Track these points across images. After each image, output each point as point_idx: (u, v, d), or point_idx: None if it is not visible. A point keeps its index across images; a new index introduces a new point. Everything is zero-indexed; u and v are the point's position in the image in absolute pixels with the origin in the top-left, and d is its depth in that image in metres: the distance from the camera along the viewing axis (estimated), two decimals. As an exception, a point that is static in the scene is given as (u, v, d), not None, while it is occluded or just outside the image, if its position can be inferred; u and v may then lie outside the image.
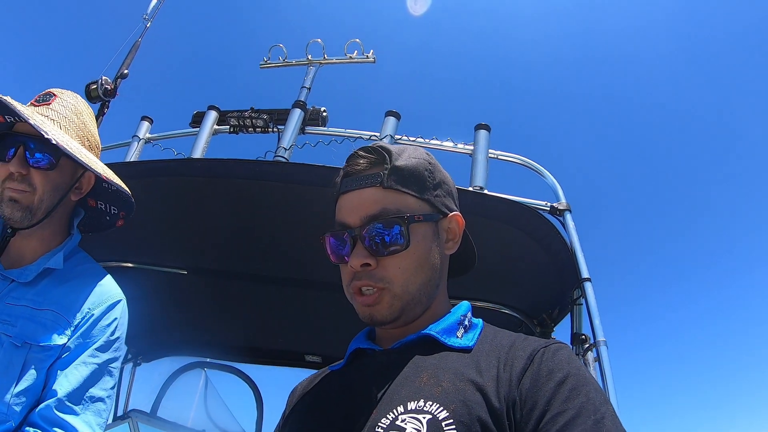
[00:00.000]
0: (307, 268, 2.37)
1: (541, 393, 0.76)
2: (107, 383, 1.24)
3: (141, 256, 2.52)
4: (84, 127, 1.36)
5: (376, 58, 2.47)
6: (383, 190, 0.92)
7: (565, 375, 0.78)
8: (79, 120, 1.35)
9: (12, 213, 1.22)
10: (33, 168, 1.24)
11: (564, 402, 0.74)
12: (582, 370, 0.80)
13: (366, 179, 0.93)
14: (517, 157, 2.25)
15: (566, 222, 2.07)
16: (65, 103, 1.35)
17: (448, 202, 1.00)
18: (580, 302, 1.96)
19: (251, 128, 2.32)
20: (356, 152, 0.98)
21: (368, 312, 0.92)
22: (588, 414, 0.72)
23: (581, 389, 0.76)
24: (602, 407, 0.74)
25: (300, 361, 3.08)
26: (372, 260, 0.90)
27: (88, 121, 1.39)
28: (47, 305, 1.23)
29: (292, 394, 1.11)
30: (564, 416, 0.72)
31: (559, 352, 0.83)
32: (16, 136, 1.25)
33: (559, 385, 0.76)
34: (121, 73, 2.47)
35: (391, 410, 0.78)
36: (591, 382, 0.79)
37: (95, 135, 1.42)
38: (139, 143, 2.45)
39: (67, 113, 1.33)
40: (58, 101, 1.33)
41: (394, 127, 2.22)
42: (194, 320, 2.89)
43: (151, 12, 2.75)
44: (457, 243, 1.01)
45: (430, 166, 0.98)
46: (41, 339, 1.18)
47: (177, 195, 2.16)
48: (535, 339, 0.88)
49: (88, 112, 1.42)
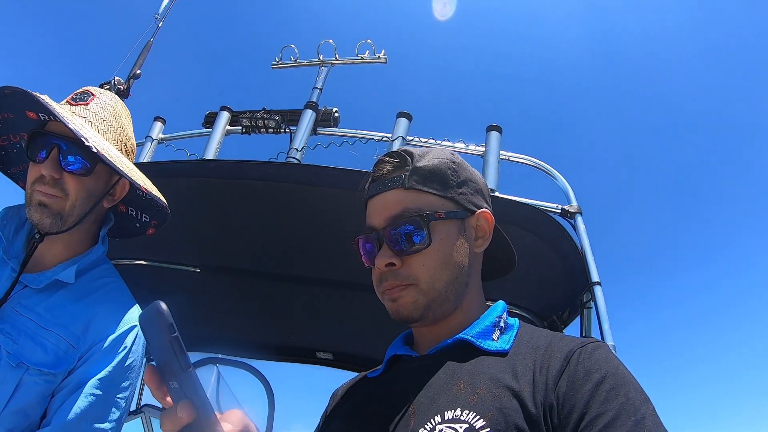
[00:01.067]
0: (318, 266, 2.39)
1: (579, 395, 0.75)
2: (112, 415, 1.13)
3: (154, 255, 2.54)
4: (122, 131, 1.29)
5: (387, 58, 2.47)
6: (405, 191, 0.95)
7: (603, 375, 0.76)
8: (117, 123, 1.27)
9: (41, 219, 1.15)
10: (66, 172, 1.16)
11: (602, 403, 0.73)
12: (621, 369, 0.79)
13: (389, 182, 0.96)
14: (528, 159, 2.24)
15: (577, 225, 2.06)
16: (104, 104, 1.26)
17: (476, 199, 1.00)
18: (590, 306, 1.96)
19: (263, 129, 2.33)
20: (381, 158, 1.01)
21: (394, 307, 0.94)
22: (628, 415, 0.71)
23: (620, 389, 0.75)
24: (642, 407, 0.73)
25: (311, 358, 3.10)
26: (396, 260, 0.92)
27: (126, 124, 1.31)
28: (54, 326, 1.13)
29: (333, 396, 1.12)
30: (603, 418, 0.71)
31: (597, 352, 0.82)
32: (48, 137, 1.16)
33: (597, 386, 0.75)
34: (134, 74, 2.49)
35: (429, 420, 0.78)
36: (630, 381, 0.78)
37: (132, 139, 1.35)
38: (153, 144, 2.47)
39: (105, 115, 1.25)
40: (96, 102, 1.25)
41: (406, 128, 2.22)
42: (207, 317, 2.93)
43: (163, 11, 2.76)
44: (487, 240, 1.02)
45: (453, 165, 1.00)
46: (39, 363, 1.09)
47: (190, 195, 2.18)
48: (572, 338, 0.88)
49: (126, 114, 1.35)
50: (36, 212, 1.15)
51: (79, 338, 1.14)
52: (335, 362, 3.05)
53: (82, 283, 1.23)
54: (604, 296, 1.90)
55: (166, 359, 0.59)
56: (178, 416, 0.59)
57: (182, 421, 0.60)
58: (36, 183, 1.16)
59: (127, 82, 2.50)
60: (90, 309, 1.18)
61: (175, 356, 0.58)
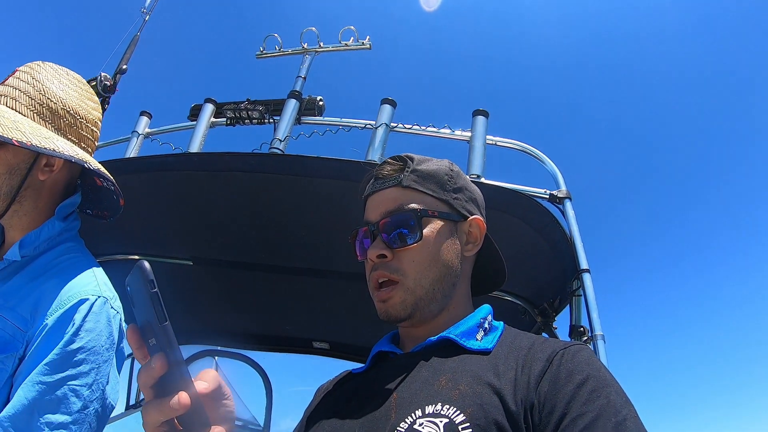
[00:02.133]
0: (311, 256, 2.39)
1: (561, 395, 0.76)
2: (71, 405, 0.99)
3: (146, 249, 2.56)
4: (41, 96, 1.18)
5: (372, 44, 2.44)
6: (402, 189, 1.00)
7: (586, 377, 0.77)
8: (35, 89, 1.17)
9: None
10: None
11: (584, 404, 0.74)
12: (603, 372, 0.80)
13: (388, 181, 1.02)
14: (515, 143, 2.21)
15: (566, 210, 2.02)
16: (25, 75, 1.19)
17: (469, 206, 1.05)
18: (579, 293, 1.92)
19: (248, 120, 2.32)
20: (385, 160, 1.07)
21: (383, 308, 0.97)
22: (609, 416, 0.72)
23: (602, 391, 0.75)
24: (623, 409, 0.74)
25: (308, 348, 3.12)
26: (388, 252, 0.96)
27: (52, 87, 1.20)
28: (2, 309, 1.06)
29: (317, 391, 1.14)
30: (584, 419, 0.72)
31: (579, 354, 0.83)
32: None
33: (579, 387, 0.76)
34: (120, 69, 2.48)
35: (410, 414, 0.79)
36: (612, 383, 0.78)
37: (66, 101, 1.22)
38: (139, 138, 2.47)
39: (19, 84, 1.17)
40: (16, 75, 1.18)
41: (390, 115, 2.19)
42: (202, 310, 2.95)
43: (150, 5, 2.74)
44: (477, 246, 1.06)
45: (451, 172, 1.05)
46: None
47: (177, 188, 2.19)
48: (555, 341, 0.89)
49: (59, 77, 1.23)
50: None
51: (26, 320, 1.05)
52: (331, 352, 3.06)
53: (40, 263, 1.15)
54: (594, 284, 1.87)
55: (146, 316, 0.61)
56: (152, 367, 0.60)
57: (155, 372, 0.60)
58: None
59: (114, 77, 2.49)
60: (40, 287, 1.09)
61: (153, 310, 0.59)
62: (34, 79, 1.19)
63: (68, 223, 1.23)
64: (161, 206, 2.24)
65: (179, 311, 2.94)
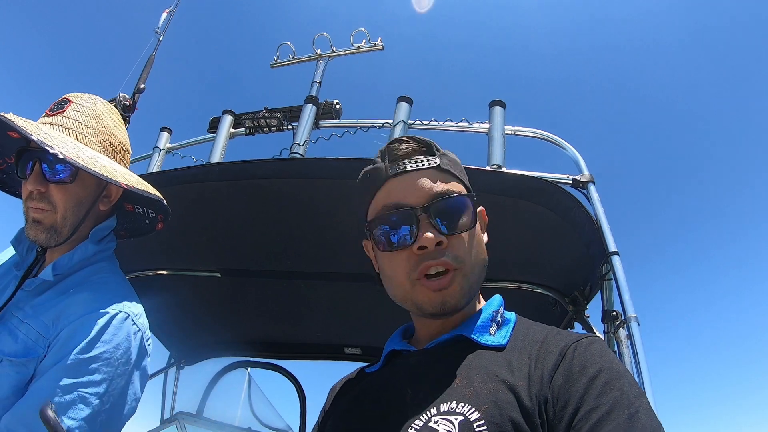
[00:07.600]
0: (337, 260, 2.38)
1: (574, 389, 0.75)
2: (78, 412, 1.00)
3: (174, 263, 2.59)
4: (104, 131, 1.25)
5: (384, 45, 2.45)
6: (442, 172, 0.94)
7: (598, 369, 0.77)
8: (98, 124, 1.24)
9: (36, 235, 1.16)
10: (51, 183, 1.16)
11: (597, 397, 0.73)
12: (616, 364, 0.80)
13: (422, 162, 0.94)
14: (534, 131, 2.18)
15: (590, 194, 1.99)
16: (81, 107, 1.24)
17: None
18: (610, 277, 1.89)
19: (266, 128, 2.34)
20: (399, 138, 0.99)
21: (439, 297, 0.89)
22: (622, 408, 0.72)
23: (615, 383, 0.75)
24: (636, 401, 0.73)
25: (339, 354, 3.11)
26: (444, 238, 0.88)
27: (109, 123, 1.28)
28: (29, 318, 1.11)
29: (331, 391, 1.13)
30: (597, 411, 0.72)
31: (592, 346, 0.82)
32: (31, 152, 1.17)
33: (592, 380, 0.76)
34: (138, 88, 2.52)
35: (425, 412, 0.79)
36: (625, 375, 0.78)
37: (120, 137, 1.30)
38: (161, 154, 2.51)
39: (82, 119, 1.22)
40: (72, 107, 1.23)
41: (407, 112, 2.20)
42: (232, 321, 2.96)
43: (163, 25, 2.80)
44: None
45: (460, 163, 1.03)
46: (10, 353, 1.06)
47: (201, 200, 2.21)
48: (567, 333, 0.88)
49: (110, 113, 1.31)
50: (31, 229, 1.17)
51: (47, 327, 1.09)
52: (363, 356, 3.04)
53: (73, 280, 1.20)
54: (624, 267, 1.83)
55: None
56: None
57: None
58: (28, 200, 1.17)
59: (133, 97, 2.53)
60: (66, 299, 1.14)
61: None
62: (96, 113, 1.25)
63: (103, 245, 1.28)
64: (186, 219, 2.26)
65: (210, 323, 2.96)
